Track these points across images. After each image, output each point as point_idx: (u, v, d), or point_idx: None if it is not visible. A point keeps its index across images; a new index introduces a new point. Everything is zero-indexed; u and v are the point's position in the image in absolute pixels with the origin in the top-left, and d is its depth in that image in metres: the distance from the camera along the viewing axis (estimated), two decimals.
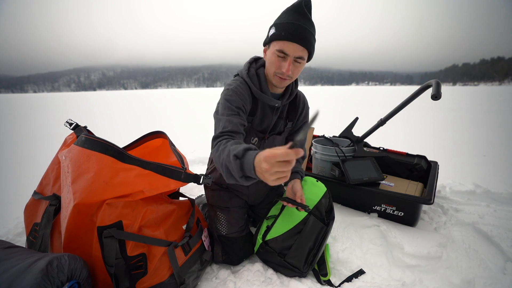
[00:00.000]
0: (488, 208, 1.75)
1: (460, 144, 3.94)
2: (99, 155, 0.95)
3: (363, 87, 75.49)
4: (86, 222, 0.91)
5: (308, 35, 0.94)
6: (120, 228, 0.92)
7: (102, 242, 0.90)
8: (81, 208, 0.88)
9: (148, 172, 0.97)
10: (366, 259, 1.32)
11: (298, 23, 0.92)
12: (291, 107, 1.25)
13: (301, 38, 0.92)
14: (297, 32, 0.92)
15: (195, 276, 1.13)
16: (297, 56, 0.96)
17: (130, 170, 0.95)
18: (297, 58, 0.97)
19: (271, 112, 1.15)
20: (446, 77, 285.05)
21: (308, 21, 0.95)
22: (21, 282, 0.70)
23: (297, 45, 0.93)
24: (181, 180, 1.02)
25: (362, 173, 1.62)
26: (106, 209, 0.89)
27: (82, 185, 0.89)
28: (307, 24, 0.94)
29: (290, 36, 0.92)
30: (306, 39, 0.94)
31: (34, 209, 1.14)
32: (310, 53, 1.00)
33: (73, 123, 1.16)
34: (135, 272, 0.94)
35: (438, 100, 1.28)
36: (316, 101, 13.37)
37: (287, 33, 0.92)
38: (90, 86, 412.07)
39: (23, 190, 2.43)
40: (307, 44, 0.94)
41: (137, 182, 0.94)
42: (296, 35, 0.92)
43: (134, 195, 0.94)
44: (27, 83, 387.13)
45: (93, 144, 0.97)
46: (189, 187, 2.24)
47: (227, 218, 1.30)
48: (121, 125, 6.48)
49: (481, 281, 1.16)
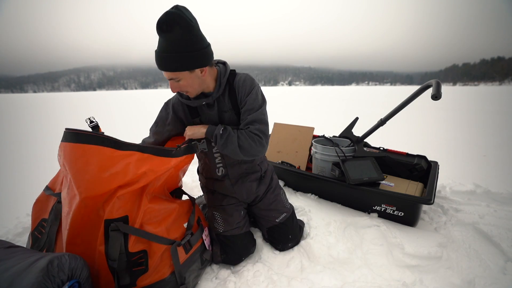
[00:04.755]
0: (488, 208, 1.75)
1: (460, 144, 3.94)
2: (95, 147, 0.94)
3: (363, 87, 75.54)
4: (92, 216, 0.91)
5: (166, 60, 0.99)
6: (126, 223, 0.93)
7: (108, 235, 0.90)
8: (88, 202, 0.88)
9: (147, 155, 0.99)
10: (367, 259, 1.32)
11: (157, 52, 0.99)
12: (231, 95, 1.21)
13: (161, 65, 1.01)
14: (159, 62, 1.00)
15: (196, 274, 1.14)
16: (169, 78, 1.05)
17: (129, 156, 0.96)
18: (171, 79, 1.05)
19: (207, 109, 1.22)
20: (446, 77, 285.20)
21: (168, 43, 0.95)
22: (22, 281, 0.70)
23: (165, 72, 1.03)
24: (179, 155, 1.06)
25: (362, 173, 1.62)
26: (116, 202, 0.91)
27: (86, 178, 0.89)
28: (168, 47, 0.96)
29: (158, 65, 1.02)
30: (168, 65, 1.00)
31: (44, 204, 1.14)
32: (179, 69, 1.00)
33: (94, 122, 1.15)
34: (136, 269, 0.95)
35: (438, 100, 1.29)
36: (316, 101, 13.37)
37: (156, 62, 1.02)
38: (90, 86, 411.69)
39: (23, 190, 2.44)
40: (171, 68, 1.00)
41: (139, 166, 0.95)
42: (160, 64, 1.01)
43: (140, 181, 0.95)
44: (27, 83, 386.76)
45: (87, 138, 0.95)
46: (189, 187, 2.25)
47: (222, 216, 1.32)
48: (121, 125, 6.49)
49: (481, 281, 1.16)
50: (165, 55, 0.97)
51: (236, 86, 1.19)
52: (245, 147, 1.12)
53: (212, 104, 1.20)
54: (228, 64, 1.22)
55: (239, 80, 1.19)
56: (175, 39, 0.94)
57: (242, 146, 1.11)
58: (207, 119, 1.23)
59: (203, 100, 1.16)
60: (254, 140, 1.13)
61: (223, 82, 1.17)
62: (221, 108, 1.21)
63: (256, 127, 1.14)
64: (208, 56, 1.05)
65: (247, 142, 1.12)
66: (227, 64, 1.21)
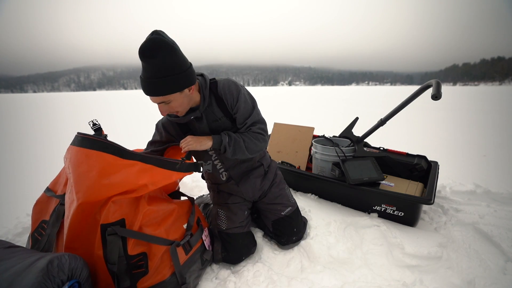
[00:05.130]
0: (488, 208, 1.75)
1: (460, 144, 3.94)
2: (98, 153, 0.95)
3: (363, 87, 75.52)
4: (89, 221, 0.91)
5: (154, 86, 0.98)
6: (123, 226, 0.93)
7: (105, 240, 0.90)
8: (85, 207, 0.88)
9: (149, 166, 0.99)
10: (367, 259, 1.32)
11: (143, 78, 0.98)
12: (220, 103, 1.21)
13: (149, 91, 1.00)
14: (145, 88, 1.00)
15: (196, 275, 1.13)
16: (160, 102, 1.03)
17: (131, 165, 0.96)
18: (161, 103, 1.04)
19: (196, 123, 1.23)
20: (446, 77, 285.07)
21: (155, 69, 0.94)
22: (22, 281, 0.70)
23: (153, 97, 1.01)
24: (182, 171, 1.04)
25: (362, 173, 1.62)
26: (111, 207, 0.90)
27: (85, 184, 0.89)
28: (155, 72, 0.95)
29: (144, 91, 1.01)
30: (158, 90, 0.99)
31: (45, 206, 1.14)
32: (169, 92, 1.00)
33: (97, 125, 1.13)
34: (136, 272, 0.94)
35: (439, 100, 1.29)
36: (316, 101, 13.37)
37: (142, 89, 1.02)
38: (90, 86, 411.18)
39: (23, 190, 2.44)
40: (157, 93, 1.00)
41: (140, 177, 0.95)
42: (149, 90, 1.00)
43: (138, 191, 0.94)
44: (26, 83, 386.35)
45: (91, 143, 0.97)
46: (189, 187, 2.25)
47: (227, 214, 1.33)
48: (121, 125, 6.49)
49: (482, 281, 1.16)
50: (154, 81, 0.97)
51: (222, 94, 1.19)
52: (251, 147, 1.21)
53: (200, 117, 1.21)
54: (206, 74, 1.21)
55: (223, 87, 1.19)
56: (161, 64, 0.94)
57: (248, 147, 1.20)
58: (199, 132, 1.25)
59: (192, 115, 1.17)
60: (258, 138, 1.23)
61: (206, 94, 1.17)
62: (210, 118, 1.22)
63: (257, 126, 1.24)
64: (193, 74, 1.07)
65: (252, 142, 1.21)
66: (205, 75, 1.20)
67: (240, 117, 1.21)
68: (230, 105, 1.20)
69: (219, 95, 1.20)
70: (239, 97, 1.19)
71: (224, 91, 1.19)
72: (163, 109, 1.06)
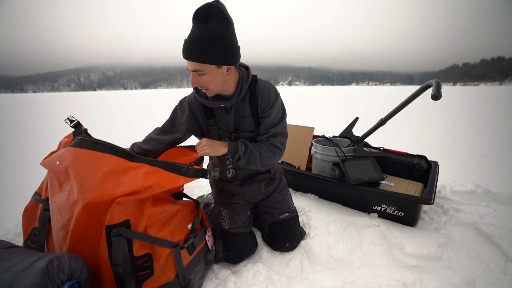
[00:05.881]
0: (488, 208, 1.75)
1: (460, 144, 3.94)
2: (108, 156, 0.98)
3: (363, 87, 75.54)
4: (94, 222, 0.91)
5: (196, 50, 0.95)
6: (128, 227, 0.93)
7: (110, 241, 0.90)
8: (91, 208, 0.88)
9: (156, 168, 0.99)
10: (367, 259, 1.32)
11: (188, 40, 0.97)
12: (253, 102, 1.19)
13: (189, 54, 0.98)
14: (185, 50, 0.98)
15: (201, 275, 1.14)
16: (193, 70, 1.01)
17: (139, 167, 0.98)
18: (194, 71, 1.01)
19: (223, 113, 1.19)
20: (446, 77, 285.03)
21: (203, 33, 0.93)
22: (22, 281, 0.70)
23: (189, 61, 1.00)
24: (189, 176, 1.04)
25: (362, 173, 1.62)
26: (116, 208, 0.90)
27: (91, 184, 0.90)
28: (201, 36, 0.93)
29: (184, 54, 1.00)
30: (197, 55, 0.96)
31: (33, 213, 1.13)
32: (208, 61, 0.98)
33: (75, 121, 1.13)
34: (141, 273, 0.94)
35: (438, 100, 1.29)
36: (316, 101, 13.37)
37: (183, 51, 1.00)
38: (90, 86, 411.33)
39: (23, 190, 2.43)
40: (196, 58, 0.97)
41: (146, 178, 0.95)
42: (185, 52, 0.98)
43: (143, 192, 0.94)
44: (26, 83, 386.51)
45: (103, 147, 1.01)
46: (189, 187, 2.25)
47: (229, 213, 1.33)
48: (121, 125, 6.49)
49: (482, 281, 1.16)
50: (197, 44, 0.94)
51: (259, 94, 1.16)
52: (265, 161, 1.18)
53: (230, 108, 1.17)
54: (250, 68, 1.18)
55: (263, 88, 1.17)
56: (211, 31, 0.92)
57: (262, 160, 1.17)
58: (223, 122, 1.21)
59: (222, 103, 1.13)
60: (274, 153, 1.19)
61: (245, 87, 1.14)
62: (239, 113, 1.19)
63: (278, 139, 1.19)
64: (238, 56, 1.04)
65: (267, 156, 1.17)
66: (249, 69, 1.18)
67: (267, 123, 1.18)
68: (263, 108, 1.17)
69: (255, 93, 1.17)
70: (274, 104, 1.17)
71: (263, 92, 1.16)
72: (194, 80, 1.03)
